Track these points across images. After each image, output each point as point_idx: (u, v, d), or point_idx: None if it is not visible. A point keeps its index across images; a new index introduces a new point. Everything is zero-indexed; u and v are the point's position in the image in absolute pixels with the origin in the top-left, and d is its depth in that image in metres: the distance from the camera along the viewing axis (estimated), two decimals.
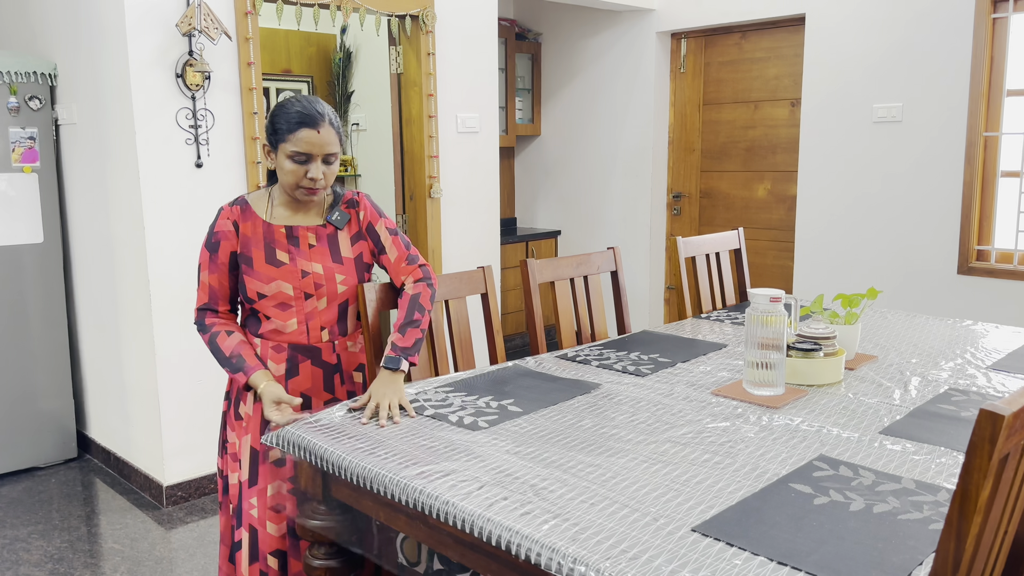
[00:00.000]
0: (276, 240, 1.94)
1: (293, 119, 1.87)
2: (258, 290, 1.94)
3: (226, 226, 1.94)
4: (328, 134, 1.89)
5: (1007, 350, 2.40)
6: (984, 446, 1.03)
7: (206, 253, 1.96)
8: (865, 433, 1.72)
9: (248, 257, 1.94)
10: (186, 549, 2.99)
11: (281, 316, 1.96)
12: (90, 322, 3.73)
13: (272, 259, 1.94)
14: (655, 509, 1.36)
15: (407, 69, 4.00)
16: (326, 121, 1.89)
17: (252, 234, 1.94)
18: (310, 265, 1.95)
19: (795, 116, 4.73)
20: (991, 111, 3.97)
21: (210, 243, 1.95)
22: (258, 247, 1.94)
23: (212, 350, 1.96)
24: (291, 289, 1.94)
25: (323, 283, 1.97)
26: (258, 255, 1.93)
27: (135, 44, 3.06)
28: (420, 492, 1.45)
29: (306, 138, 1.86)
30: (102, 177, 3.41)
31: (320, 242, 1.98)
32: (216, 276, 1.95)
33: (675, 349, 2.43)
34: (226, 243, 1.94)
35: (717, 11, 4.86)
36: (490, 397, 1.98)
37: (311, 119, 1.86)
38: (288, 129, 1.87)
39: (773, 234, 4.94)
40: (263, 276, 1.93)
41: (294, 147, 1.86)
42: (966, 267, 4.04)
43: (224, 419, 2.07)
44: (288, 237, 1.95)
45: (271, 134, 1.91)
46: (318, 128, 1.87)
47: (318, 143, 1.87)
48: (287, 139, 1.87)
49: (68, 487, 3.56)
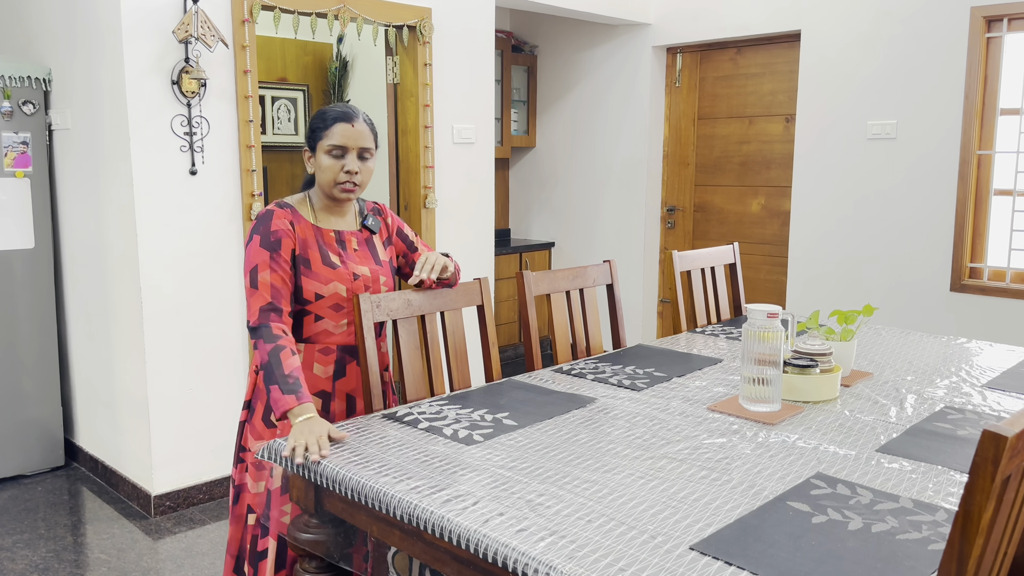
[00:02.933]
0: (327, 243, 2.01)
1: (329, 117, 1.98)
2: (316, 291, 1.97)
3: (284, 225, 1.95)
4: (362, 128, 1.99)
5: (1001, 368, 2.40)
6: (987, 467, 1.02)
7: (264, 253, 1.91)
8: (862, 451, 1.71)
9: (306, 259, 1.96)
10: (174, 560, 2.96)
11: (334, 317, 2.01)
12: (80, 329, 3.70)
13: (328, 261, 1.99)
14: (652, 527, 1.35)
15: (403, 79, 4.00)
16: (360, 118, 2.01)
17: (307, 238, 1.97)
18: (359, 268, 2.03)
19: (789, 132, 4.75)
20: (985, 129, 3.99)
21: (268, 242, 1.92)
22: (313, 249, 1.98)
23: (270, 359, 1.82)
24: (344, 291, 2.00)
25: (370, 284, 2.05)
26: (315, 256, 1.97)
27: (131, 50, 3.04)
28: (415, 507, 1.43)
29: (342, 131, 1.96)
30: (95, 183, 3.39)
31: (361, 246, 2.07)
32: (279, 275, 1.92)
33: (671, 363, 2.42)
34: (287, 240, 1.94)
35: (713, 26, 4.88)
36: (485, 410, 1.96)
37: (345, 115, 1.98)
38: (325, 126, 1.98)
39: (767, 249, 4.95)
40: (322, 277, 1.97)
41: (331, 141, 1.96)
42: (959, 284, 4.06)
43: (242, 428, 2.06)
44: (337, 241, 2.03)
45: (310, 137, 2.01)
46: (352, 123, 1.98)
47: (353, 136, 1.97)
48: (324, 136, 1.97)
49: (55, 496, 3.51)
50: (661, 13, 5.13)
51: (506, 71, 5.57)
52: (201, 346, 3.34)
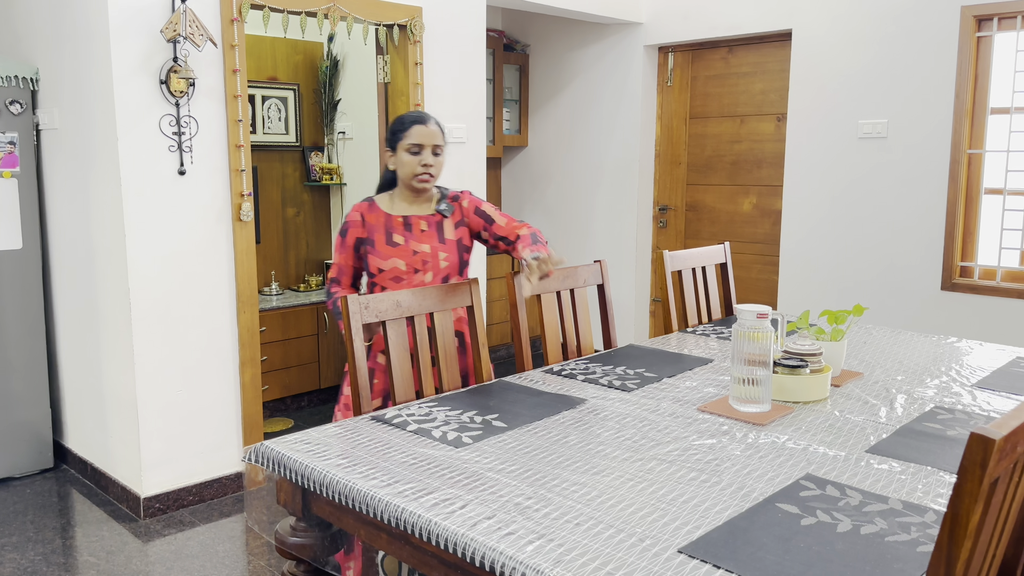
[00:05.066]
0: (394, 227, 2.39)
1: (407, 121, 2.38)
2: (379, 266, 2.37)
3: (355, 217, 2.40)
4: (434, 129, 2.38)
5: (991, 368, 2.40)
6: (975, 470, 1.02)
7: (339, 239, 2.43)
8: (852, 452, 1.71)
9: (371, 240, 2.38)
10: (163, 563, 2.94)
11: (394, 287, 2.36)
12: (69, 330, 3.68)
13: (390, 241, 2.38)
14: (641, 529, 1.34)
15: (394, 79, 3.98)
16: (432, 121, 2.40)
17: (375, 223, 2.39)
18: (420, 246, 2.38)
19: (781, 131, 4.75)
20: (975, 129, 3.99)
21: (342, 231, 2.42)
22: (380, 233, 2.38)
23: (334, 309, 2.37)
24: (404, 265, 2.37)
25: (429, 259, 2.39)
26: (379, 239, 2.38)
27: (119, 49, 3.02)
28: (403, 511, 1.42)
29: (418, 132, 2.35)
30: (83, 183, 3.36)
31: (430, 228, 2.41)
32: (343, 256, 2.42)
33: (661, 364, 2.42)
34: (353, 230, 2.40)
35: (704, 26, 4.88)
36: (474, 412, 1.95)
37: (421, 119, 2.38)
38: (404, 128, 2.37)
39: (758, 248, 4.95)
40: (382, 255, 2.37)
41: (410, 140, 2.35)
42: (950, 283, 4.07)
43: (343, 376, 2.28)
44: (404, 225, 2.39)
45: (391, 139, 2.40)
46: (427, 124, 2.37)
47: (427, 135, 2.36)
48: (403, 136, 2.36)
49: (43, 498, 3.49)
50: (653, 12, 5.12)
51: (498, 70, 5.56)
52: (190, 347, 3.32)
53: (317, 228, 5.13)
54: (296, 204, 5.02)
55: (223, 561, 2.96)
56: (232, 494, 3.51)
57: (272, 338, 4.45)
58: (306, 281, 5.00)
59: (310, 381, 4.71)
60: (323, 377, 4.77)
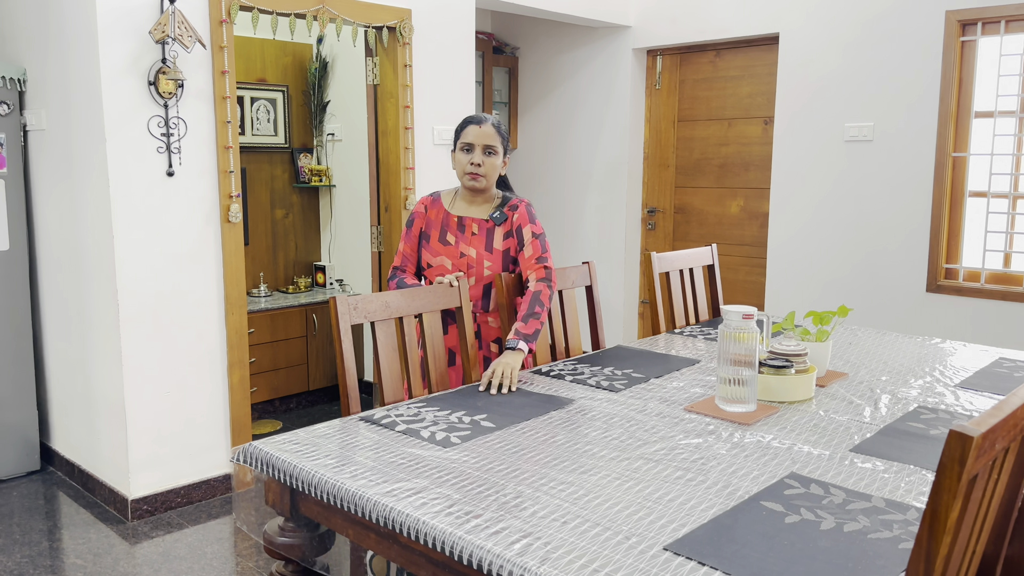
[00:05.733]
0: (449, 225, 2.48)
1: (464, 121, 2.48)
2: (428, 260, 2.48)
3: (420, 209, 2.51)
4: (488, 129, 2.44)
5: (974, 368, 2.43)
6: (954, 467, 1.03)
7: (405, 230, 2.52)
8: (836, 451, 1.73)
9: (428, 235, 2.48)
10: (151, 564, 2.93)
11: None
12: (56, 331, 3.66)
13: (443, 239, 2.47)
14: (627, 527, 1.36)
15: (384, 80, 3.99)
16: (487, 122, 2.46)
17: (435, 218, 2.49)
18: (468, 249, 2.46)
19: (768, 134, 4.78)
20: (960, 132, 4.03)
21: (409, 221, 2.52)
22: (436, 228, 2.48)
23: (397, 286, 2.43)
24: (450, 264, 2.46)
25: (474, 265, 2.46)
26: (435, 235, 2.47)
27: (107, 50, 3.02)
28: (391, 510, 1.43)
29: (471, 132, 2.44)
30: (71, 184, 3.35)
31: (480, 232, 2.47)
32: (408, 245, 2.51)
33: (648, 364, 2.43)
34: (418, 220, 2.50)
35: (692, 29, 4.91)
36: (463, 412, 1.96)
37: (475, 119, 2.47)
38: (460, 128, 2.47)
39: (745, 250, 4.98)
40: (433, 251, 2.47)
41: (463, 140, 2.45)
42: (935, 285, 4.10)
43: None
44: (458, 225, 2.47)
45: (454, 140, 2.50)
46: (480, 125, 2.45)
47: (479, 135, 2.43)
48: (459, 136, 2.47)
49: (30, 500, 3.48)
50: (641, 16, 5.15)
51: (487, 72, 5.57)
52: (178, 348, 3.32)
53: (306, 230, 5.13)
54: (285, 206, 5.01)
55: (211, 563, 2.96)
56: (220, 496, 3.50)
57: (260, 340, 4.45)
58: (295, 283, 4.99)
59: (298, 383, 4.71)
60: (312, 379, 4.76)
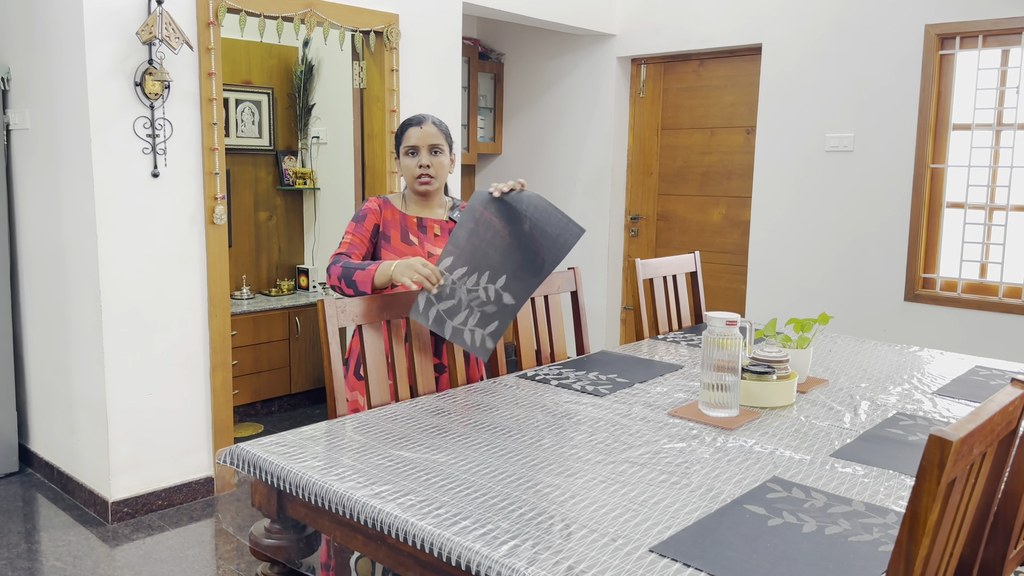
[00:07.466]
0: (409, 226, 2.41)
1: (403, 125, 2.40)
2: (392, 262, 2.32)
3: (372, 206, 2.40)
4: (430, 129, 2.36)
5: (952, 376, 2.47)
6: (933, 471, 1.06)
7: (352, 223, 2.38)
8: (817, 456, 1.76)
9: (387, 235, 2.39)
10: (131, 567, 2.92)
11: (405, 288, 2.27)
12: (37, 332, 3.64)
13: (406, 239, 2.40)
14: (613, 529, 1.38)
15: (370, 84, 4.00)
16: (428, 121, 2.38)
17: (391, 219, 2.40)
18: (434, 248, 2.40)
19: (750, 143, 4.83)
20: (938, 144, 4.10)
21: (357, 216, 2.39)
22: (396, 229, 2.40)
23: (343, 270, 2.23)
24: None
25: None
26: (395, 235, 2.39)
27: (93, 51, 3.01)
28: (379, 511, 1.44)
29: (412, 134, 2.36)
30: (54, 184, 3.34)
31: (444, 233, 2.43)
32: (358, 235, 2.36)
33: (633, 370, 2.46)
34: (372, 216, 2.39)
35: (676, 39, 4.96)
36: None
37: (415, 120, 2.38)
38: (401, 132, 2.39)
39: (727, 258, 5.03)
40: (397, 251, 2.37)
41: (406, 144, 2.37)
42: (913, 294, 4.16)
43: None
44: (419, 226, 2.41)
45: (395, 147, 2.43)
46: (421, 125, 2.36)
47: (422, 135, 2.35)
48: (401, 140, 2.39)
49: (8, 502, 3.44)
50: (626, 24, 5.19)
51: (473, 78, 5.60)
52: (161, 350, 3.30)
53: (290, 232, 5.12)
54: (269, 208, 5.01)
55: (192, 566, 2.94)
56: (202, 498, 3.49)
57: (243, 342, 4.43)
58: (277, 285, 4.98)
59: (280, 386, 4.69)
60: (294, 382, 4.75)
